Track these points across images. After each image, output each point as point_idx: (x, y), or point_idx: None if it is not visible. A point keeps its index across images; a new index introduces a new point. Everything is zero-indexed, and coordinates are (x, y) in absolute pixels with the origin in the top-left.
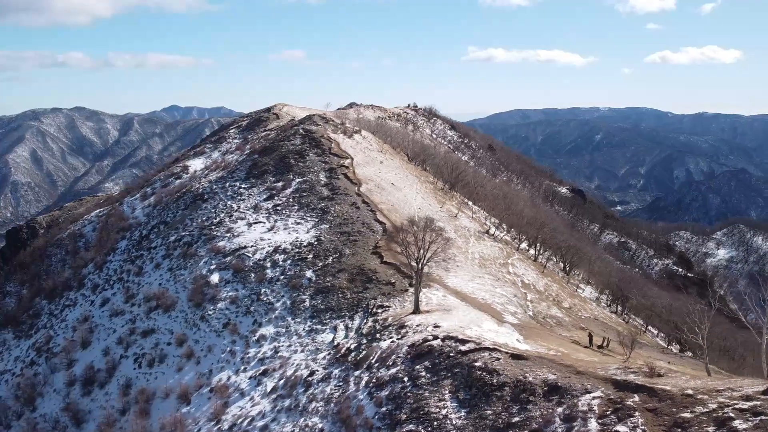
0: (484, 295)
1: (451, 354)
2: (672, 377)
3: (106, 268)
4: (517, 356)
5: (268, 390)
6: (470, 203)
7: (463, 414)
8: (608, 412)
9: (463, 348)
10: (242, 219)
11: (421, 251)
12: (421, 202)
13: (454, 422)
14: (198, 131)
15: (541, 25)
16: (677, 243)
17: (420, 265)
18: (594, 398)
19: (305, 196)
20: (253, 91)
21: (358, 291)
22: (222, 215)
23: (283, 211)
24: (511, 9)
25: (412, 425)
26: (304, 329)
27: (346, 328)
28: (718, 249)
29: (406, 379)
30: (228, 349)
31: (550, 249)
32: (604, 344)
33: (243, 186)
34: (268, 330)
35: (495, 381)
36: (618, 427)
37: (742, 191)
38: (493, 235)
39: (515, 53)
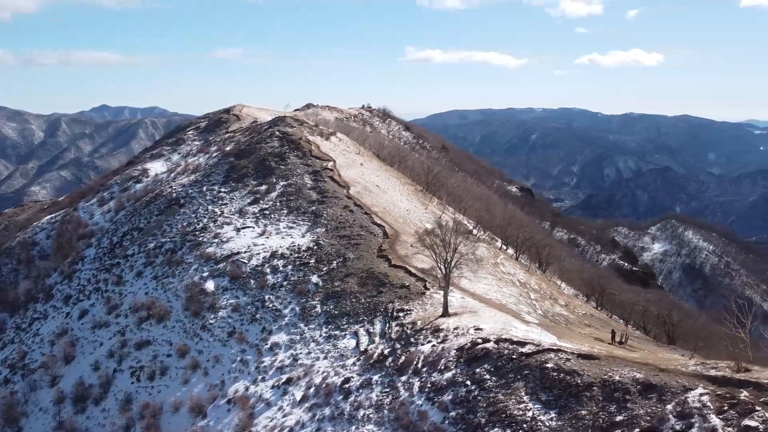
0: (495, 295)
1: (513, 357)
2: (760, 371)
3: (77, 278)
4: (585, 356)
5: (298, 399)
6: (441, 203)
7: (553, 415)
8: (725, 408)
9: (524, 350)
10: (228, 224)
11: (449, 254)
12: (408, 205)
13: (546, 423)
14: (131, 132)
15: (476, 27)
16: (617, 238)
17: (448, 269)
18: (701, 395)
19: (293, 199)
20: (189, 91)
21: (372, 295)
22: (205, 220)
23: (272, 216)
24: (448, 11)
25: (497, 428)
26: (321, 335)
27: (368, 333)
28: (653, 243)
29: (468, 382)
30: (238, 358)
31: (530, 248)
32: (623, 340)
33: (223, 190)
34: (281, 337)
35: (579, 381)
36: (746, 422)
37: (667, 188)
38: (476, 235)
39: (452, 54)
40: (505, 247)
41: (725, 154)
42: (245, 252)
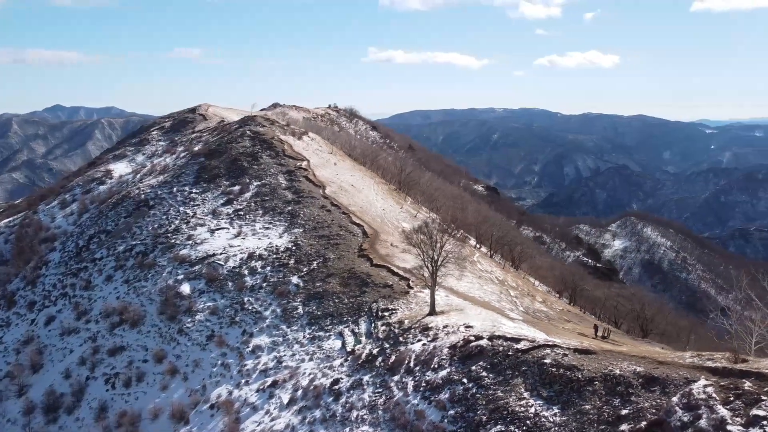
0: (477, 293)
1: (509, 353)
2: (758, 361)
3: (41, 283)
4: (581, 351)
5: (285, 402)
6: (415, 202)
7: (556, 411)
8: (731, 398)
9: (519, 346)
10: (202, 225)
11: (436, 253)
12: (383, 204)
13: (550, 419)
14: (87, 133)
15: (437, 28)
16: (579, 236)
17: (435, 267)
18: (705, 386)
19: (268, 200)
20: (147, 91)
21: (355, 295)
22: (177, 222)
23: (247, 216)
24: (409, 12)
25: (500, 425)
26: (304, 337)
27: (354, 333)
28: (614, 240)
29: (465, 380)
30: (219, 362)
31: (503, 246)
32: (606, 334)
33: (194, 191)
34: (263, 340)
35: (580, 376)
36: (755, 411)
37: (624, 186)
38: (452, 234)
39: (414, 55)
40: (478, 246)
41: (679, 152)
42: (221, 254)
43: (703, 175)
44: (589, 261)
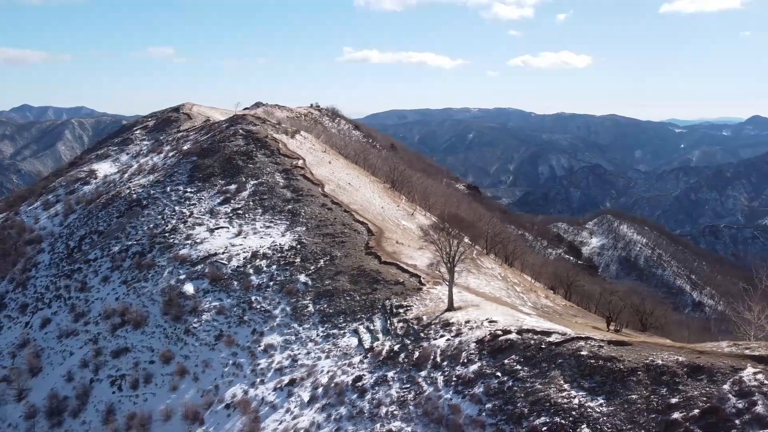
0: (486, 289)
1: (542, 346)
2: None
3: (32, 285)
4: (616, 343)
5: (306, 400)
6: (410, 200)
7: (602, 401)
8: None
9: (551, 339)
10: (200, 225)
11: (453, 250)
12: (381, 202)
13: (597, 409)
14: (57, 133)
15: (412, 29)
16: (560, 233)
17: (452, 264)
18: (755, 373)
19: (266, 198)
20: (118, 90)
21: (366, 292)
22: (174, 221)
23: (246, 215)
24: (384, 12)
25: (543, 417)
26: (318, 335)
27: (369, 330)
28: (591, 237)
29: (499, 374)
30: (230, 362)
31: (496, 244)
32: (618, 328)
33: (189, 190)
34: (274, 339)
35: (621, 367)
36: None
37: (598, 184)
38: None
39: (389, 55)
40: (472, 243)
41: (650, 151)
42: (223, 253)
43: (674, 173)
44: (571, 258)
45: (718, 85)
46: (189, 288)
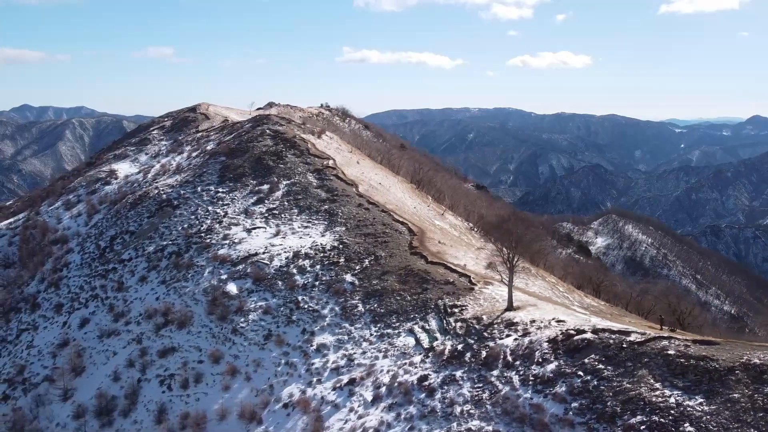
0: (534, 289)
1: (624, 345)
2: None
3: (65, 286)
4: (702, 342)
5: (370, 400)
6: (437, 200)
7: (701, 400)
8: None
9: (632, 338)
10: (236, 225)
11: (512, 251)
12: (412, 202)
13: (698, 408)
14: (58, 133)
15: (411, 29)
16: (569, 233)
17: (512, 264)
18: None
19: (301, 198)
20: (118, 90)
21: (417, 292)
22: (209, 222)
23: (282, 215)
24: (384, 13)
25: (639, 416)
26: (371, 335)
27: (425, 330)
28: (596, 237)
29: (581, 373)
30: (283, 361)
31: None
32: (674, 327)
33: (221, 190)
34: (326, 338)
35: (717, 366)
36: None
37: (598, 184)
38: (474, 231)
39: (389, 55)
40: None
41: (650, 151)
42: (264, 253)
43: (674, 173)
44: (581, 258)
45: (718, 85)
46: (232, 288)
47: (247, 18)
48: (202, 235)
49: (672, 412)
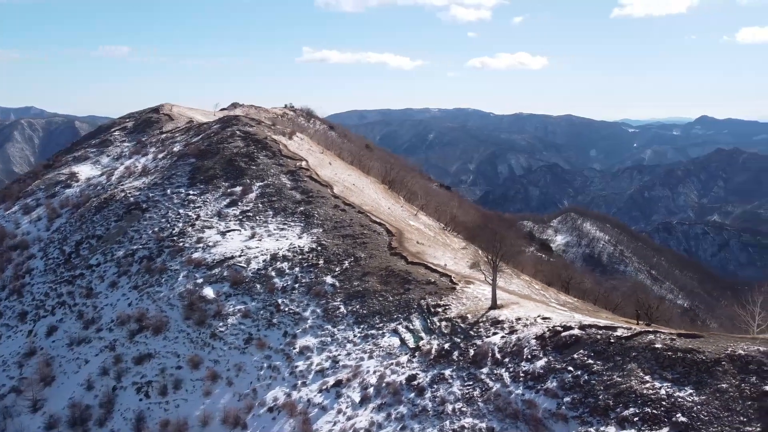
0: (513, 287)
1: (611, 340)
2: None
3: (28, 293)
4: (687, 335)
5: (358, 401)
6: (409, 201)
7: (691, 391)
8: None
9: (618, 333)
10: (210, 228)
11: (495, 252)
12: (386, 203)
13: (688, 399)
14: (5, 134)
15: (371, 29)
16: (532, 231)
17: (496, 263)
18: None
19: (275, 200)
20: (70, 90)
21: (399, 293)
22: (181, 225)
23: (257, 217)
24: (344, 13)
25: (632, 408)
26: (355, 336)
27: (409, 330)
28: (556, 235)
29: (571, 368)
30: (265, 365)
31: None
32: (649, 322)
33: (192, 192)
34: (309, 341)
35: (704, 358)
36: None
37: (556, 183)
38: (447, 231)
39: (349, 55)
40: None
41: (604, 150)
42: (240, 256)
43: (628, 171)
44: (543, 256)
45: (668, 86)
46: (209, 292)
47: (207, 17)
48: (175, 238)
49: (663, 403)
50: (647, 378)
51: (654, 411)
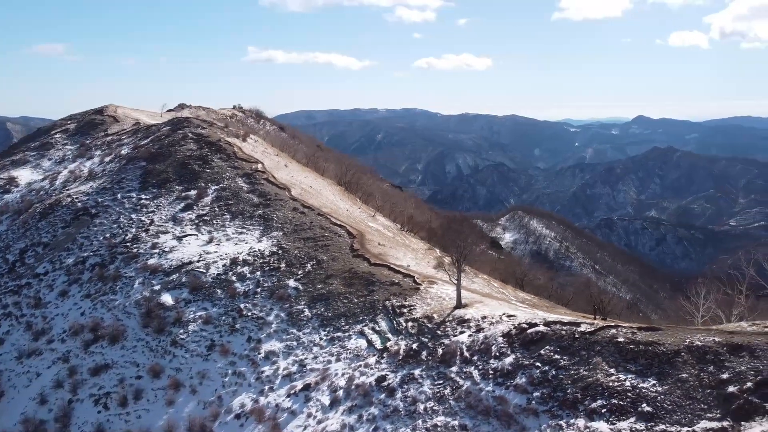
0: (475, 286)
1: (576, 336)
2: None
3: None
4: (647, 329)
5: (328, 404)
6: (366, 203)
7: (653, 382)
8: None
9: (582, 329)
10: (165, 233)
11: (460, 251)
12: (344, 204)
13: (652, 389)
14: None
15: (317, 30)
16: (482, 230)
17: (461, 263)
18: None
19: (232, 204)
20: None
21: (363, 294)
22: (134, 230)
23: (214, 221)
24: (290, 13)
25: (600, 400)
26: (321, 339)
27: (375, 331)
28: (504, 233)
29: (538, 364)
30: (230, 371)
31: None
32: (605, 316)
33: (144, 197)
34: (274, 345)
35: (664, 350)
36: None
37: (502, 182)
38: (405, 231)
39: (295, 55)
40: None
41: (548, 149)
42: (198, 261)
43: (570, 170)
44: (494, 254)
45: (606, 87)
46: (167, 298)
47: (148, 14)
48: (128, 244)
49: (629, 394)
50: (612, 371)
51: (620, 402)
